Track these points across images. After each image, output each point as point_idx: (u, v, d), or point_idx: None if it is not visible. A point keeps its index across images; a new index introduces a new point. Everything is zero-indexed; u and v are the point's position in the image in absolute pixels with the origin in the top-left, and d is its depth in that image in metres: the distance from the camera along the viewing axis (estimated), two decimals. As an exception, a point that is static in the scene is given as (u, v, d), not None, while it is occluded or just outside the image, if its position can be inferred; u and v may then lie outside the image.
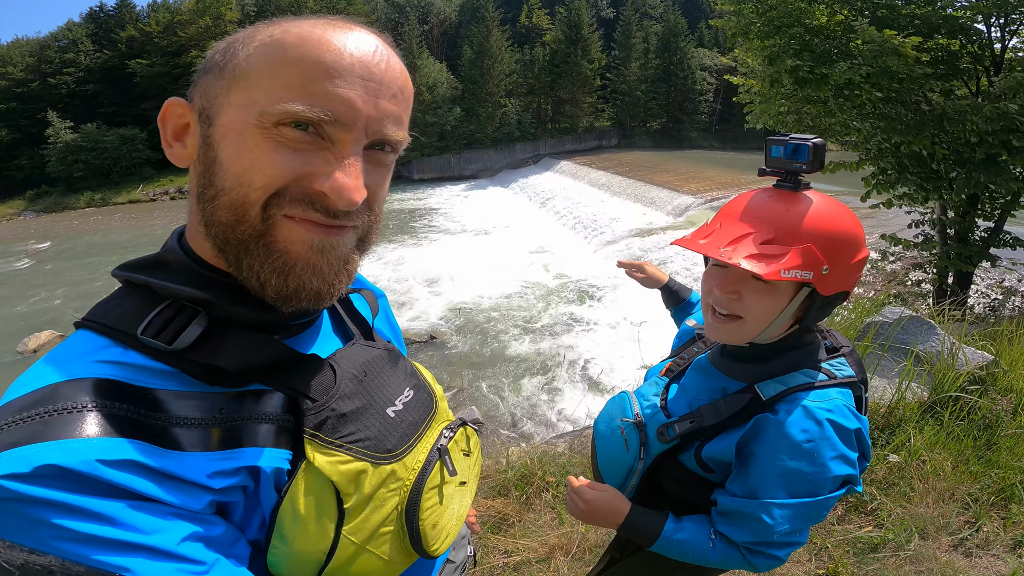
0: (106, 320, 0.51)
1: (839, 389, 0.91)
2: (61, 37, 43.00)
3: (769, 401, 0.90)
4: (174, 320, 0.51)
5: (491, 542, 2.18)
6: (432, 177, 36.30)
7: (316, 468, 0.53)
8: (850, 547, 2.11)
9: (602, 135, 42.74)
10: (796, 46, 4.79)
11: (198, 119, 0.53)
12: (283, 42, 0.50)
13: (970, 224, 5.29)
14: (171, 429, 0.47)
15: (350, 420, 0.58)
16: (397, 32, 41.05)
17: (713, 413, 0.94)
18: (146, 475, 0.44)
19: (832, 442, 0.85)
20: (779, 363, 0.94)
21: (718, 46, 45.31)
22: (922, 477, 2.36)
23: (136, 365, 0.49)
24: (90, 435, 0.43)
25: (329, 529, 0.54)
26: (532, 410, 8.12)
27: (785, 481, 0.86)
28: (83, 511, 0.41)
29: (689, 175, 21.80)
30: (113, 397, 0.46)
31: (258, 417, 0.53)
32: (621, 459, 1.05)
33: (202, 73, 0.55)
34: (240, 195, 0.50)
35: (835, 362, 0.95)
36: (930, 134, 4.56)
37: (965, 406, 2.60)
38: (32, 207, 34.85)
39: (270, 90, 0.49)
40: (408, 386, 0.69)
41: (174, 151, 0.55)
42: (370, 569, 0.58)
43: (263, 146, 0.49)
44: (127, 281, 0.56)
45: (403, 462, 0.62)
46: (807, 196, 0.89)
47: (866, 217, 11.92)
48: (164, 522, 0.44)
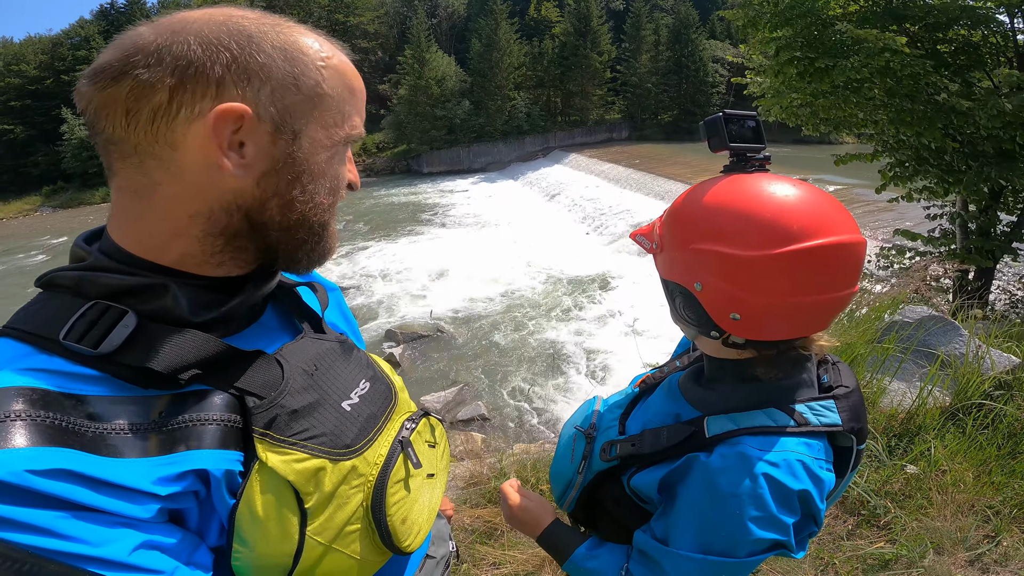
0: (26, 326, 0.49)
1: (804, 439, 0.73)
2: (73, 34, 43.58)
3: (710, 440, 0.76)
4: (99, 321, 0.48)
5: (479, 552, 2.10)
6: (441, 170, 36.32)
7: (270, 468, 0.52)
8: (859, 563, 1.99)
9: (612, 128, 42.38)
10: (803, 39, 4.65)
11: (271, 129, 0.53)
12: (343, 72, 0.58)
13: (992, 218, 5.11)
14: (107, 436, 0.45)
15: (302, 416, 0.56)
16: (405, 26, 40.99)
17: (653, 441, 0.82)
18: (83, 484, 0.42)
19: (761, 501, 0.69)
20: (740, 396, 0.79)
21: (730, 38, 44.65)
22: (941, 489, 2.22)
23: (62, 372, 0.47)
24: (17, 445, 0.41)
25: (292, 530, 0.52)
26: (538, 406, 8.05)
27: (699, 533, 0.73)
28: (20, 523, 0.39)
29: (701, 167, 21.52)
30: (39, 406, 0.44)
31: (200, 419, 0.50)
32: (565, 469, 0.98)
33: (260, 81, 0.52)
34: (330, 200, 0.60)
35: (817, 405, 0.76)
36: (941, 127, 4.43)
37: (990, 413, 2.45)
38: (48, 203, 35.48)
39: (349, 115, 0.59)
40: (364, 378, 0.68)
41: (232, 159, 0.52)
42: (341, 569, 0.57)
43: (340, 156, 0.60)
44: (48, 283, 0.52)
45: (364, 457, 0.60)
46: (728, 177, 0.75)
47: (884, 211, 11.66)
48: (111, 531, 0.43)
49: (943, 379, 2.66)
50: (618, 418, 0.95)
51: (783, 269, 0.66)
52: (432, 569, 0.84)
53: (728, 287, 0.70)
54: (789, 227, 0.66)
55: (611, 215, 18.44)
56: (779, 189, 0.69)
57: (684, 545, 0.73)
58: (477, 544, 2.15)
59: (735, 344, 0.77)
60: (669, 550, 0.75)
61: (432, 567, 0.84)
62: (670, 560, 0.74)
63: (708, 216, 0.72)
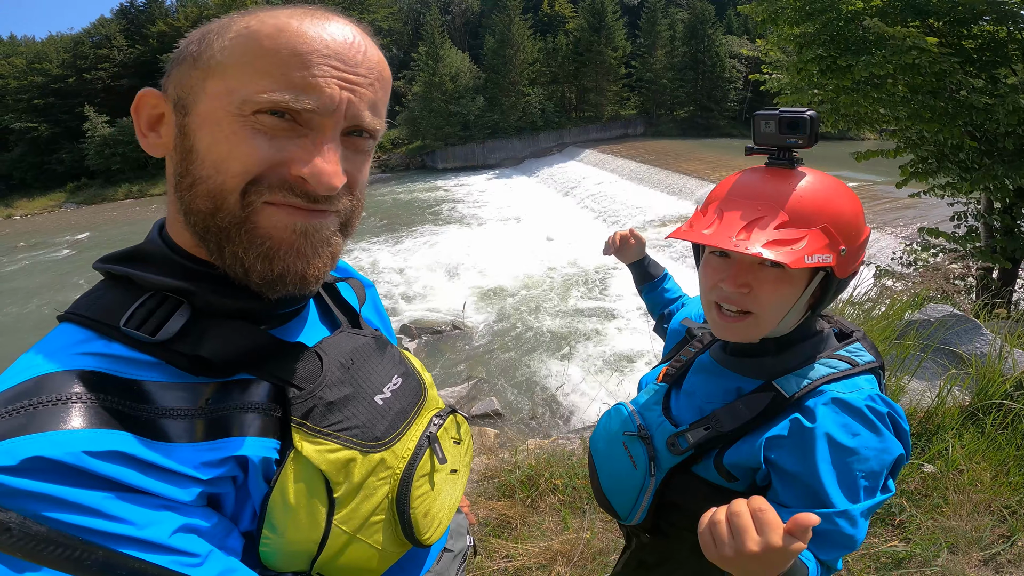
0: (88, 312, 0.51)
1: (864, 376, 0.84)
2: (94, 33, 44.39)
3: (795, 398, 0.81)
4: (156, 311, 0.51)
5: (492, 545, 2.13)
6: (456, 166, 36.35)
7: (304, 457, 0.53)
8: (872, 561, 1.98)
9: (628, 123, 41.99)
10: (826, 35, 4.58)
11: (173, 109, 0.53)
12: (259, 32, 0.50)
13: (1017, 216, 5.00)
14: (158, 420, 0.47)
15: (338, 408, 0.58)
16: (419, 22, 41.00)
17: (732, 417, 0.84)
18: (134, 466, 0.44)
19: (877, 429, 0.78)
20: (793, 355, 0.86)
21: (747, 33, 43.97)
22: (957, 488, 2.21)
23: (120, 357, 0.49)
24: (76, 427, 0.43)
25: (320, 519, 0.54)
26: (551, 402, 8.06)
27: (844, 485, 0.77)
28: (71, 503, 0.40)
29: (718, 163, 21.28)
30: (98, 389, 0.46)
31: (244, 407, 0.53)
32: (629, 477, 0.94)
33: (175, 63, 0.54)
34: (218, 183, 0.50)
35: (851, 348, 0.87)
36: (961, 124, 4.37)
37: (1009, 413, 2.42)
38: (72, 199, 36.26)
39: (249, 80, 0.49)
40: (396, 373, 0.69)
41: (148, 141, 0.55)
42: (363, 559, 0.58)
43: (240, 134, 0.50)
44: (108, 273, 0.55)
45: (392, 450, 0.62)
46: (805, 173, 0.83)
47: (906, 207, 11.44)
48: (155, 514, 0.44)
49: (963, 379, 2.62)
50: (661, 414, 0.94)
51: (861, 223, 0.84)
52: (449, 563, 0.85)
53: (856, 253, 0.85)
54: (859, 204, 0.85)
55: (626, 210, 18.33)
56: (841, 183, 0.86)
57: (842, 501, 0.76)
58: (490, 537, 2.18)
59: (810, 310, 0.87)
60: (830, 512, 0.75)
61: (449, 560, 0.86)
62: (846, 519, 0.75)
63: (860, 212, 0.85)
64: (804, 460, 0.77)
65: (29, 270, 19.18)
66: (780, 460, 0.79)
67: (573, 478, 2.44)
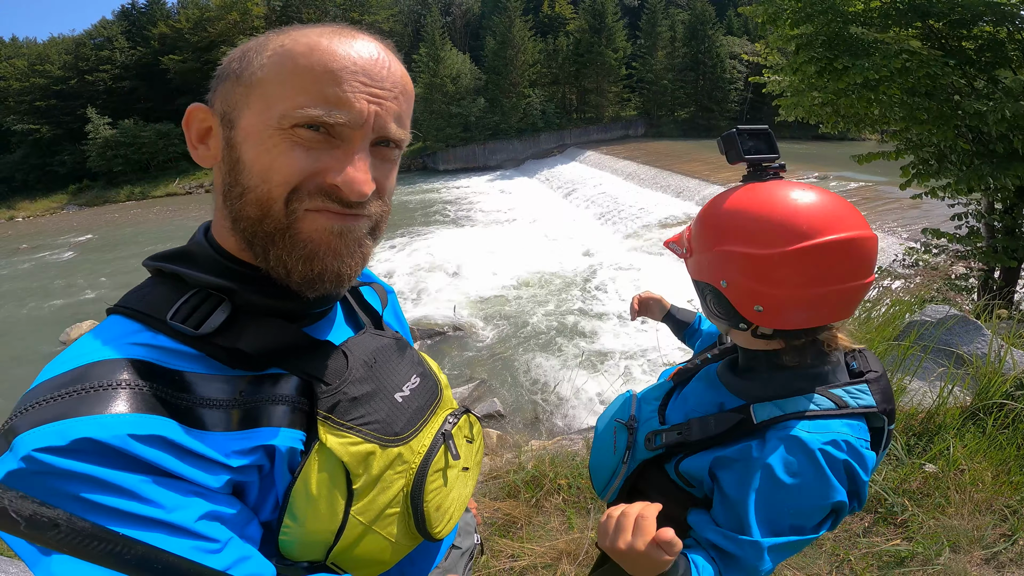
0: (138, 306, 0.55)
1: (847, 421, 0.80)
2: (96, 35, 44.38)
3: (760, 425, 0.81)
4: (200, 307, 0.55)
5: (497, 545, 2.15)
6: (457, 168, 36.38)
7: (328, 449, 0.56)
8: (875, 560, 2.00)
9: (628, 124, 42.04)
10: (824, 37, 4.60)
11: (220, 123, 0.57)
12: (293, 51, 0.54)
13: (1018, 217, 5.01)
14: (196, 409, 0.50)
15: (360, 404, 0.61)
16: (420, 24, 41.02)
17: (701, 428, 0.87)
18: (172, 451, 0.47)
19: (822, 473, 0.75)
20: (779, 383, 0.84)
21: (747, 34, 43.98)
22: (959, 488, 2.22)
23: (166, 348, 0.53)
24: (122, 411, 0.46)
25: (339, 509, 0.56)
26: (553, 403, 8.06)
27: (768, 520, 0.77)
28: (111, 485, 0.43)
29: (719, 164, 21.22)
30: (144, 377, 0.49)
31: (275, 399, 0.56)
32: (607, 460, 1.03)
33: (220, 80, 0.58)
34: (264, 192, 0.54)
35: (852, 389, 0.82)
36: (954, 127, 4.39)
37: (1010, 413, 2.44)
38: (74, 201, 36.31)
39: (287, 96, 0.53)
40: (415, 373, 0.73)
41: (199, 153, 0.59)
42: (376, 550, 0.60)
43: (280, 146, 0.54)
44: (157, 271, 0.59)
45: (409, 445, 0.65)
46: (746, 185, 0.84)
47: (910, 208, 11.43)
48: (184, 499, 0.47)
49: (964, 379, 2.64)
50: (656, 409, 1.00)
51: (796, 263, 0.74)
52: (457, 559, 0.88)
53: (750, 282, 0.78)
54: (799, 226, 0.74)
55: (628, 211, 18.33)
56: (791, 193, 0.77)
57: (756, 532, 0.78)
58: (496, 537, 2.20)
59: (763, 335, 0.84)
60: (743, 539, 0.78)
61: (457, 557, 0.88)
62: (754, 550, 0.77)
63: (729, 220, 0.80)
64: (739, 486, 0.80)
65: (30, 272, 19.20)
66: (723, 479, 0.83)
67: (577, 478, 2.46)
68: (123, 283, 16.17)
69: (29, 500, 0.35)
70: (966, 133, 4.59)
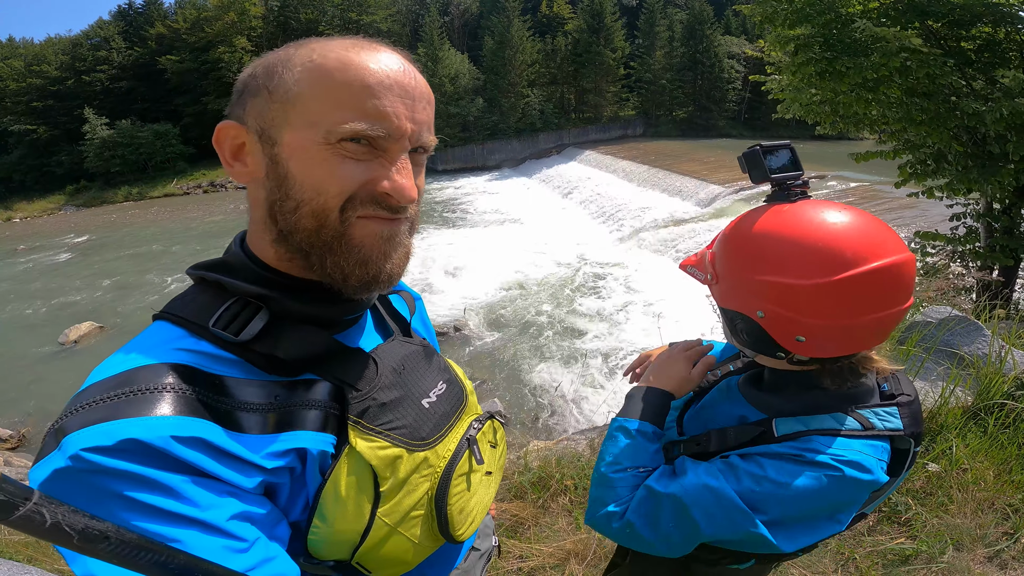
0: (182, 313, 0.57)
1: (869, 442, 0.78)
2: (93, 35, 44.17)
3: (780, 438, 0.80)
4: (240, 314, 0.57)
5: (506, 546, 2.17)
6: (456, 167, 36.34)
7: (357, 452, 0.58)
8: (880, 558, 2.02)
9: (627, 124, 42.06)
10: (821, 38, 4.62)
11: (258, 139, 0.58)
12: (326, 67, 0.56)
13: (1016, 216, 5.03)
14: (235, 412, 0.52)
15: (389, 409, 0.63)
16: (418, 24, 40.98)
17: (720, 440, 0.87)
18: (210, 453, 0.49)
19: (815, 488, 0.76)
20: (802, 401, 0.83)
21: (746, 34, 44.06)
22: (962, 487, 2.25)
23: (207, 353, 0.55)
24: (166, 413, 0.48)
25: (365, 510, 0.58)
26: (555, 404, 8.08)
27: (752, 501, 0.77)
28: (153, 483, 0.45)
29: (718, 164, 21.30)
30: (187, 381, 0.51)
31: (308, 404, 0.58)
32: None
33: (248, 95, 0.59)
34: (320, 203, 0.56)
35: (880, 411, 0.80)
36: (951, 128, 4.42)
37: (1011, 412, 2.46)
38: (72, 202, 36.13)
39: (327, 112, 0.55)
40: (441, 380, 0.75)
41: (235, 170, 0.61)
42: (400, 551, 0.62)
43: (331, 160, 0.56)
44: (200, 279, 0.61)
45: (435, 450, 0.67)
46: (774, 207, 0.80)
47: (906, 207, 11.47)
48: (219, 499, 0.48)
49: (965, 379, 2.66)
50: (675, 419, 1.00)
51: (842, 294, 0.70)
52: (475, 561, 0.90)
53: (791, 314, 0.74)
54: (843, 254, 0.70)
55: (626, 211, 18.35)
56: (829, 217, 0.74)
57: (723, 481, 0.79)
58: (504, 538, 2.22)
59: (799, 361, 0.81)
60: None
61: (475, 559, 0.90)
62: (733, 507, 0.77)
63: (763, 247, 0.76)
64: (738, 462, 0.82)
65: (28, 273, 19.15)
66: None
67: (583, 480, 2.47)
68: (122, 284, 16.14)
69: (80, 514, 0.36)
70: (961, 135, 4.61)
